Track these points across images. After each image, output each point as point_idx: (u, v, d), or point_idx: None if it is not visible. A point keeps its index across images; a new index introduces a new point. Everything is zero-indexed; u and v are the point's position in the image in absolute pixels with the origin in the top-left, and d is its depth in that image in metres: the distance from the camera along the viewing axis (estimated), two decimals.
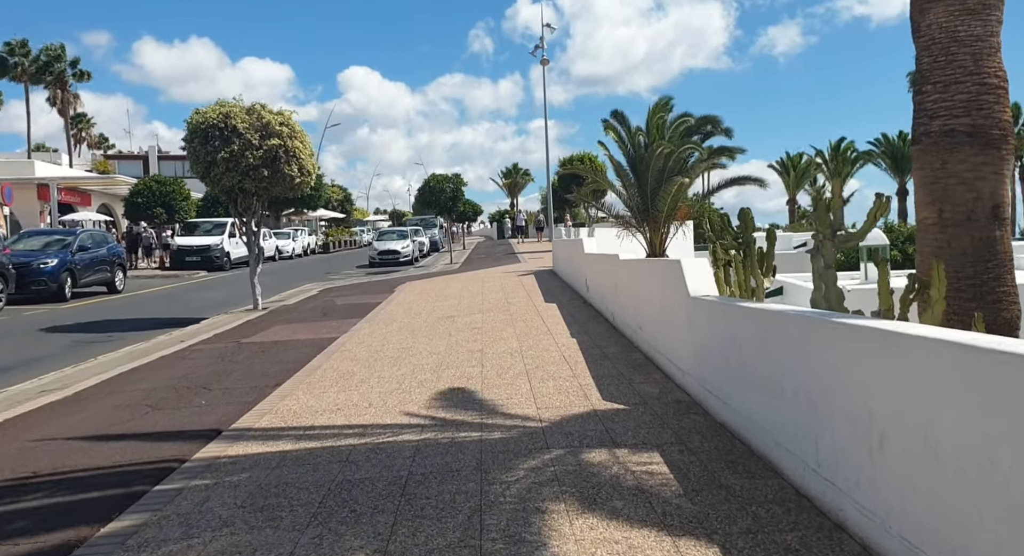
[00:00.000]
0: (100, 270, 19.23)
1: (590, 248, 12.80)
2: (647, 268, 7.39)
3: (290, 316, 13.06)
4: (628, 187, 19.25)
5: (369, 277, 23.00)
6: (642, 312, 7.71)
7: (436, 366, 7.72)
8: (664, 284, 6.59)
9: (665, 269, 6.56)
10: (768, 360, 4.18)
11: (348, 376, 7.47)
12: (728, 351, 4.88)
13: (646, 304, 7.48)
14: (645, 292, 7.52)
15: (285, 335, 10.66)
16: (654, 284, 7.01)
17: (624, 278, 8.81)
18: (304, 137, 14.44)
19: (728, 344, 4.89)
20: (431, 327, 10.57)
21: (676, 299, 6.18)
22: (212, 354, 9.36)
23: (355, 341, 9.70)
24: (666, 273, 6.52)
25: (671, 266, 6.31)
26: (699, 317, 5.58)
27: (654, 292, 7.00)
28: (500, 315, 11.48)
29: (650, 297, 7.22)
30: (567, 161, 36.64)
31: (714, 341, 5.22)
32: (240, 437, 5.38)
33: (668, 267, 6.44)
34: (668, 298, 6.48)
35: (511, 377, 7.01)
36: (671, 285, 6.32)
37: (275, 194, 14.80)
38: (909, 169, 53.12)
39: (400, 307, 13.31)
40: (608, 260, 10.06)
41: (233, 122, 13.59)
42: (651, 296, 7.17)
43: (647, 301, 7.41)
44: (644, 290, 7.57)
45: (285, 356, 8.91)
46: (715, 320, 5.20)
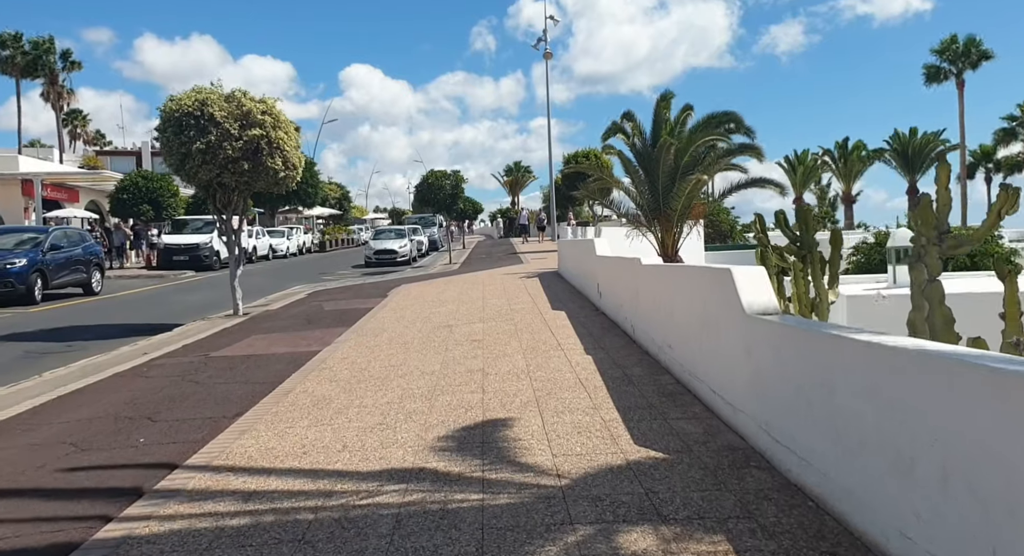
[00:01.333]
0: (75, 271, 18.02)
1: (602, 250, 11.59)
2: (682, 276, 6.18)
3: (271, 324, 11.85)
4: (638, 184, 18.04)
5: (363, 278, 21.79)
6: (674, 328, 6.50)
7: (429, 391, 6.51)
8: (708, 297, 5.38)
9: (708, 279, 5.35)
10: (884, 415, 2.97)
11: (323, 404, 6.26)
12: (811, 393, 3.68)
13: (680, 319, 6.27)
14: (679, 305, 6.31)
15: (260, 347, 9.45)
16: (693, 296, 5.80)
17: (648, 286, 7.60)
18: (289, 127, 13.22)
19: (810, 383, 3.68)
20: (425, 339, 9.36)
21: (726, 317, 4.97)
22: (173, 371, 8.16)
23: (338, 356, 8.50)
24: (710, 283, 5.32)
25: (718, 275, 5.10)
26: (761, 343, 4.37)
27: (693, 305, 5.79)
28: (503, 324, 10.27)
29: (687, 311, 6.01)
30: (571, 158, 35.43)
31: (786, 376, 4.01)
32: (172, 497, 4.18)
33: (713, 277, 5.23)
34: (714, 314, 5.27)
35: (518, 407, 5.81)
36: (718, 299, 5.11)
37: (258, 189, 13.59)
38: (920, 167, 51.96)
39: (392, 314, 12.10)
40: (627, 265, 8.85)
41: (210, 110, 12.39)
42: (688, 310, 5.96)
43: (682, 316, 6.20)
44: (678, 302, 6.36)
45: (255, 375, 7.70)
46: (788, 349, 3.99)
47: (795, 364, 3.89)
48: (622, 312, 9.14)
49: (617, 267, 9.71)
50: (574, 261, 15.61)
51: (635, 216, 18.22)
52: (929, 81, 42.85)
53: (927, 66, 42.76)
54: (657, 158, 16.99)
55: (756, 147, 17.35)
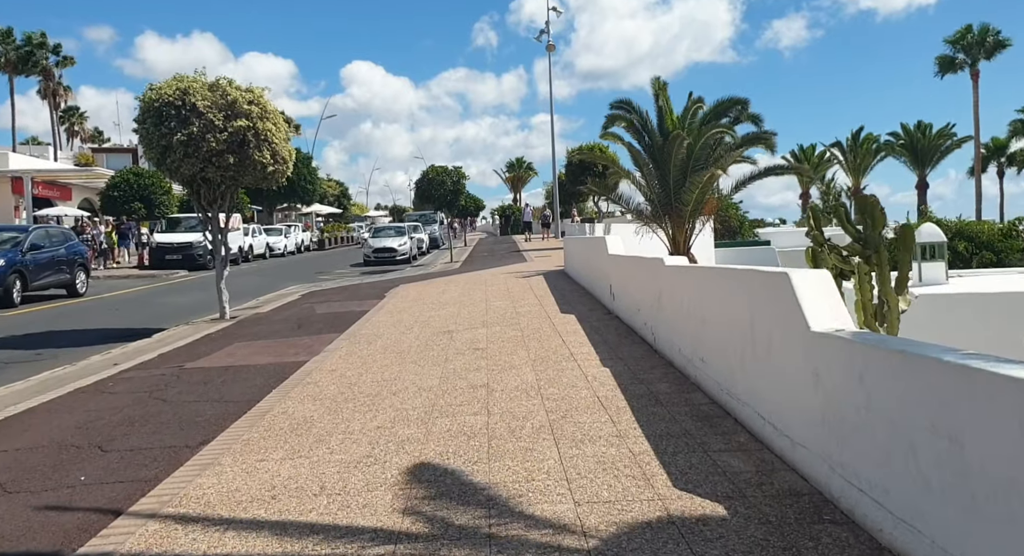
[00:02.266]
0: (57, 271, 17.18)
1: (615, 248, 10.72)
2: (720, 280, 5.31)
3: (257, 329, 11.00)
4: (648, 178, 17.18)
5: (361, 278, 20.94)
6: (707, 339, 5.64)
7: (425, 413, 5.66)
8: (756, 306, 4.52)
9: (757, 284, 4.49)
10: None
11: (304, 429, 5.42)
12: (916, 437, 2.82)
13: (716, 329, 5.42)
14: (715, 313, 5.45)
15: (242, 357, 8.61)
16: (734, 303, 4.94)
17: (674, 290, 6.74)
18: (278, 118, 12.37)
19: (916, 425, 2.82)
20: (423, 347, 8.51)
21: (782, 331, 4.12)
22: (141, 386, 7.31)
23: (326, 368, 7.65)
24: (760, 290, 4.46)
25: (771, 280, 4.24)
26: (835, 366, 3.52)
27: (734, 315, 4.94)
28: (508, 330, 9.42)
29: (725, 321, 5.15)
30: (575, 151, 34.49)
31: (875, 411, 3.15)
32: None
33: (764, 282, 4.37)
34: (764, 327, 4.41)
35: (530, 434, 4.96)
36: (771, 309, 4.26)
37: (245, 184, 12.75)
38: (930, 161, 51.00)
39: (389, 318, 11.24)
40: (647, 265, 7.98)
41: (192, 99, 11.53)
42: (727, 319, 5.10)
43: (718, 326, 5.34)
44: (712, 310, 5.51)
45: (231, 391, 6.85)
46: (880, 378, 3.13)
47: (891, 398, 3.03)
48: (640, 317, 8.28)
49: (634, 267, 8.84)
50: (582, 260, 14.75)
51: (645, 212, 17.37)
52: (942, 71, 41.84)
53: (940, 57, 41.76)
54: (669, 151, 16.13)
55: (768, 136, 16.48)
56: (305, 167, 42.84)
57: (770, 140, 16.03)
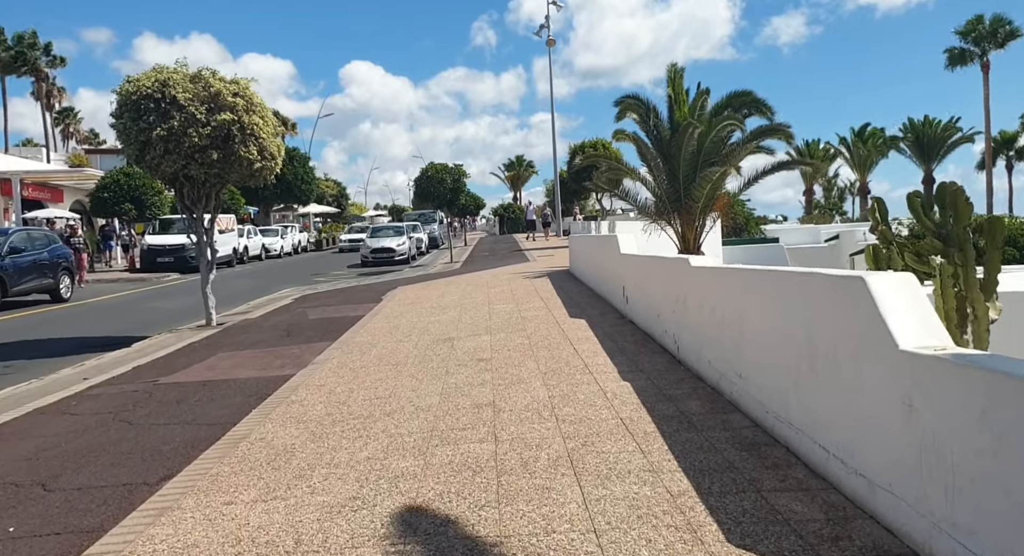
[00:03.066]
0: (40, 276, 16.44)
1: (628, 247, 9.97)
2: (766, 284, 4.56)
3: (244, 337, 10.26)
4: (656, 173, 16.41)
5: (358, 279, 20.20)
6: (748, 352, 4.90)
7: (423, 439, 4.92)
8: (817, 315, 3.78)
9: (820, 289, 3.74)
10: None
11: (282, 460, 4.68)
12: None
13: (759, 341, 4.67)
14: (757, 322, 4.71)
15: (224, 370, 7.87)
16: (786, 312, 4.19)
17: (703, 294, 5.99)
18: (265, 111, 11.62)
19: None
20: (421, 358, 7.77)
21: (855, 348, 3.38)
22: (108, 405, 6.58)
23: (314, 383, 6.91)
24: (824, 296, 3.71)
25: (840, 285, 3.50)
26: (941, 397, 2.78)
27: (785, 325, 4.19)
28: (515, 337, 8.67)
29: (773, 332, 4.41)
30: (578, 148, 33.70)
31: (1011, 461, 2.40)
32: None
33: (829, 286, 3.63)
34: (828, 341, 3.67)
35: (546, 468, 4.22)
36: (840, 320, 3.52)
37: (231, 182, 12.00)
38: (936, 155, 50.19)
39: (385, 324, 10.50)
40: (668, 266, 7.23)
41: (172, 92, 10.80)
42: (776, 331, 4.36)
43: (763, 337, 4.60)
44: (754, 318, 4.76)
45: (206, 412, 6.11)
46: (1016, 417, 2.38)
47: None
48: (660, 323, 7.53)
49: (652, 268, 8.10)
50: (590, 259, 14.01)
51: (653, 208, 16.63)
52: (952, 64, 41.00)
53: (950, 48, 40.89)
54: (678, 143, 15.35)
55: (783, 129, 15.72)
56: (302, 167, 42.12)
57: (786, 131, 15.27)
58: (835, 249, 33.21)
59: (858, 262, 27.05)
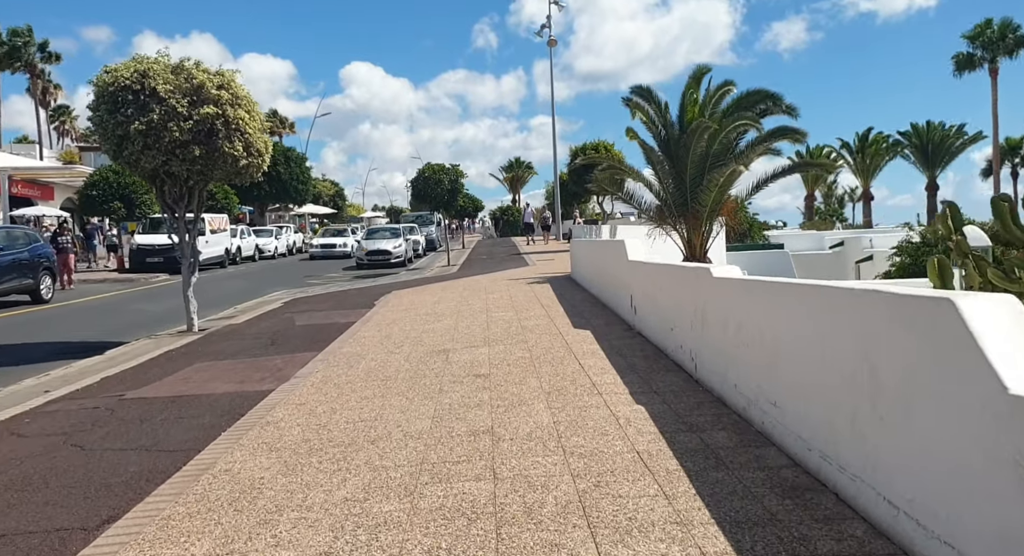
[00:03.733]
0: (20, 276, 15.75)
1: (636, 253, 9.32)
2: (810, 300, 3.90)
3: (225, 346, 9.60)
4: (662, 177, 15.78)
5: (352, 283, 19.56)
6: (786, 378, 4.27)
7: (411, 474, 4.27)
8: (882, 343, 3.14)
9: (887, 312, 3.11)
10: None
11: (247, 499, 4.03)
12: None
13: (802, 367, 4.03)
14: (800, 345, 4.07)
15: (197, 383, 7.21)
16: (836, 335, 3.56)
17: (726, 308, 5.36)
18: (252, 105, 10.99)
19: None
20: (413, 373, 7.12)
21: (936, 386, 2.75)
22: (62, 425, 5.92)
23: (293, 401, 6.26)
24: (890, 321, 3.08)
25: (916, 309, 2.86)
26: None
27: (835, 349, 3.56)
28: (515, 349, 8.03)
29: (820, 358, 3.77)
30: (579, 150, 33.05)
31: None
32: None
33: (902, 309, 2.99)
34: (896, 374, 3.03)
35: (553, 516, 3.57)
36: (916, 352, 2.88)
37: (216, 179, 11.36)
38: (941, 161, 49.63)
39: (376, 333, 9.85)
40: (683, 275, 6.59)
41: (152, 83, 10.16)
42: (825, 357, 3.72)
43: (807, 363, 3.96)
44: (796, 340, 4.12)
45: (170, 435, 5.46)
46: None
47: None
48: (674, 338, 6.89)
49: (665, 277, 7.46)
50: (594, 265, 13.38)
51: (658, 212, 16.01)
52: (960, 69, 40.44)
53: (957, 54, 40.35)
54: (687, 144, 14.76)
55: (798, 130, 15.12)
56: (298, 167, 41.47)
57: (801, 133, 14.66)
58: (840, 256, 32.61)
59: (864, 269, 26.48)
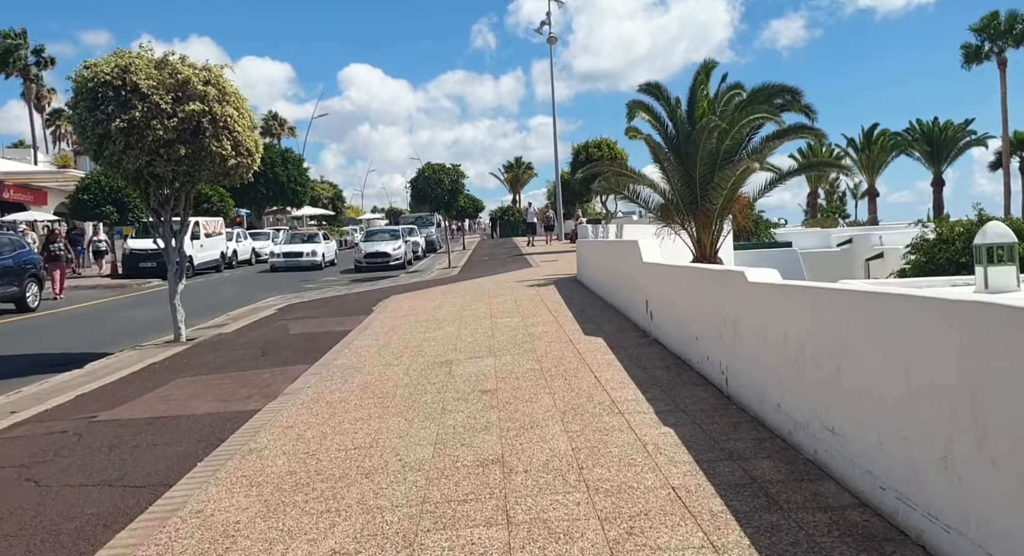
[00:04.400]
0: (5, 283, 15.15)
1: (651, 255, 8.70)
2: (892, 312, 3.28)
3: (212, 357, 8.99)
4: (670, 173, 15.16)
5: (350, 287, 18.96)
6: (848, 400, 3.66)
7: (410, 518, 3.66)
8: (993, 371, 2.52)
9: (1003, 331, 2.49)
10: None
11: (217, 551, 3.42)
12: None
13: (870, 390, 3.42)
14: (868, 362, 3.46)
15: (178, 402, 6.60)
16: (929, 356, 2.94)
17: (768, 317, 4.74)
18: (241, 102, 10.38)
19: None
20: (413, 388, 6.51)
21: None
22: (22, 454, 5.31)
23: (281, 423, 5.65)
24: (1009, 342, 2.46)
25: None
26: None
27: (934, 375, 2.94)
28: (523, 360, 7.42)
29: (898, 381, 3.16)
30: (581, 148, 32.43)
31: None
32: None
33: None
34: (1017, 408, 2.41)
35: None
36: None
37: (203, 180, 10.75)
38: (947, 158, 48.99)
39: (374, 342, 9.24)
40: (713, 280, 5.96)
41: (134, 78, 9.56)
42: (908, 381, 3.11)
43: (877, 385, 3.35)
44: (864, 358, 3.51)
45: (140, 465, 4.85)
46: None
47: None
48: (699, 348, 6.28)
49: (687, 281, 6.84)
50: (602, 267, 12.78)
51: (665, 211, 15.41)
52: (968, 62, 39.77)
53: (965, 46, 39.63)
54: (696, 141, 14.16)
55: (817, 129, 14.53)
56: (296, 168, 40.87)
57: (817, 131, 14.09)
58: (848, 254, 32.01)
59: (874, 267, 25.85)
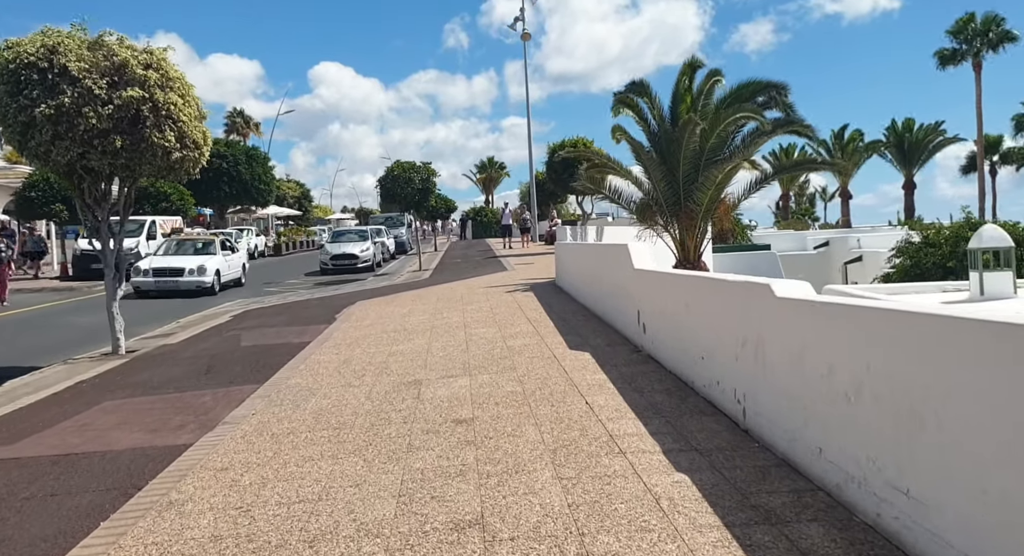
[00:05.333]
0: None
1: (643, 261, 7.85)
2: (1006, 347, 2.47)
3: (149, 374, 7.97)
4: (654, 173, 14.39)
5: (313, 291, 17.90)
6: (936, 454, 2.83)
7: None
8: None
9: None
10: None
11: None
12: None
13: (988, 448, 2.59)
14: (970, 410, 2.62)
15: (98, 433, 5.61)
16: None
17: (805, 341, 3.92)
18: (187, 89, 9.37)
19: None
20: (376, 416, 5.58)
21: None
22: None
23: (213, 465, 4.69)
24: None
25: None
26: None
27: None
28: (503, 380, 6.53)
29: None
30: (557, 147, 31.64)
31: None
32: None
33: None
34: None
35: None
36: None
37: (145, 175, 9.71)
38: (918, 160, 49.10)
39: (334, 356, 8.29)
40: (726, 293, 5.11)
41: (62, 60, 8.51)
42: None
43: (1000, 445, 2.51)
44: (966, 404, 2.67)
45: (22, 531, 3.88)
46: None
47: None
48: (707, 369, 5.44)
49: (691, 292, 6.01)
50: (584, 272, 11.95)
51: (645, 211, 14.65)
52: (943, 64, 39.70)
53: (940, 49, 39.57)
54: (679, 139, 13.43)
55: (803, 124, 13.86)
56: (261, 167, 39.49)
57: (806, 127, 13.39)
58: (824, 256, 31.64)
59: (852, 271, 25.39)
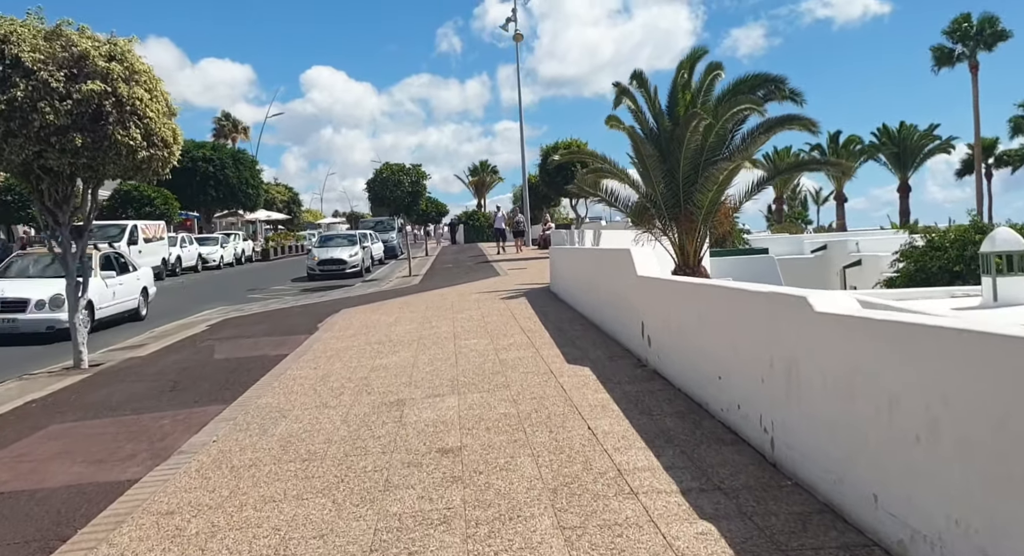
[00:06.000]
0: None
1: (647, 267, 7.23)
2: None
3: (107, 394, 7.29)
4: (653, 173, 13.78)
5: (298, 298, 17.23)
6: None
7: None
8: None
9: None
10: None
11: None
12: None
13: None
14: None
15: (33, 466, 4.94)
16: None
17: (856, 365, 3.30)
18: (155, 83, 8.71)
19: None
20: (351, 446, 4.93)
21: None
22: None
23: (158, 508, 4.03)
24: None
25: None
26: None
27: None
28: (495, 401, 5.89)
29: None
30: (551, 149, 31.05)
31: None
32: None
33: None
34: None
35: None
36: None
37: (109, 175, 9.04)
38: (913, 163, 48.75)
39: (312, 371, 7.63)
40: (751, 304, 4.49)
41: (14, 50, 7.86)
42: None
43: None
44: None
45: None
46: None
47: None
48: (726, 391, 4.82)
49: (704, 302, 5.39)
50: (581, 278, 11.34)
51: (643, 213, 14.07)
52: (938, 65, 39.37)
53: (935, 48, 39.20)
54: (679, 137, 12.84)
55: (807, 118, 13.27)
56: (248, 170, 38.79)
57: (809, 121, 12.80)
58: (823, 260, 31.09)
59: (851, 276, 24.87)
